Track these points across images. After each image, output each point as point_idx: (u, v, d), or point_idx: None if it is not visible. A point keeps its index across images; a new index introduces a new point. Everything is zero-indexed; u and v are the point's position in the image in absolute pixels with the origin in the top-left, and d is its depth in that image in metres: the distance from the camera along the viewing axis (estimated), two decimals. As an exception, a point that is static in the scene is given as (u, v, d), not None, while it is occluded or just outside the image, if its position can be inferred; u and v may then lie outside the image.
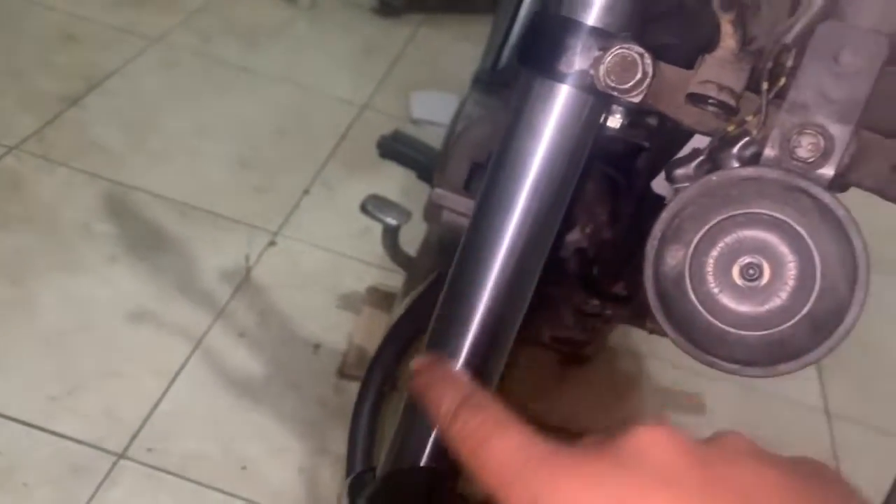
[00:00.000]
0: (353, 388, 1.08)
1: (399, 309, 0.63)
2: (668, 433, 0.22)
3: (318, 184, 1.44)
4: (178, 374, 1.04)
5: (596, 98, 0.29)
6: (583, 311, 0.60)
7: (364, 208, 0.88)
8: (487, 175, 0.32)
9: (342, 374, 1.10)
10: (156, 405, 1.00)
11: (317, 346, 1.14)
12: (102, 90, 1.52)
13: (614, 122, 0.29)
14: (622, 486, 0.21)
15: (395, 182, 1.48)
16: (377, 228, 1.36)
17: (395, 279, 1.27)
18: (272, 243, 1.29)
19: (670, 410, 1.20)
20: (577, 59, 0.28)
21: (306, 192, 1.41)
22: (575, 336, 0.77)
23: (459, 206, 0.71)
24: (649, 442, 0.22)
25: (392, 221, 0.86)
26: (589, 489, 0.21)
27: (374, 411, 0.55)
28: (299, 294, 1.21)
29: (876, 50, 0.25)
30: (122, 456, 0.94)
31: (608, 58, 0.27)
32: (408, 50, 1.95)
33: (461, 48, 1.86)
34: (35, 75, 1.50)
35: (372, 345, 1.12)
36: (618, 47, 0.26)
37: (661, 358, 1.26)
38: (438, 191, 0.71)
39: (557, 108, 0.29)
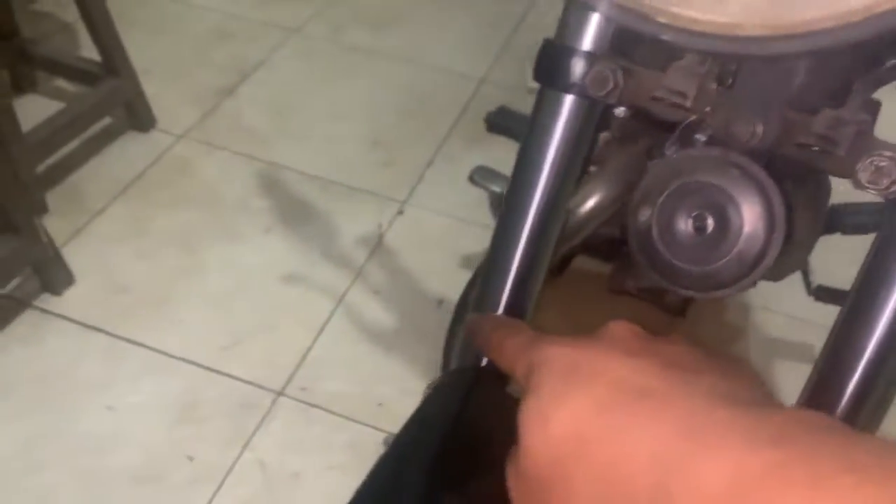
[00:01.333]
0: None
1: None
2: (632, 326, 0.32)
3: (440, 157, 1.57)
4: (324, 326, 1.22)
5: (590, 102, 0.39)
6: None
7: (472, 179, 0.99)
8: (516, 163, 0.43)
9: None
10: (307, 352, 1.18)
11: (440, 302, 1.28)
12: (252, 80, 1.72)
13: (620, 112, 0.39)
14: (591, 349, 0.31)
15: (509, 152, 1.59)
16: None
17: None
18: (400, 212, 1.44)
19: (780, 359, 1.25)
20: (574, 75, 0.38)
21: (430, 164, 1.55)
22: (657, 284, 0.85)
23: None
24: (617, 329, 0.32)
25: (497, 189, 0.97)
26: (568, 352, 0.31)
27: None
28: (425, 256, 1.35)
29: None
30: (280, 394, 1.13)
31: (590, 73, 0.38)
32: (527, 19, 2.03)
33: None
34: (195, 71, 1.72)
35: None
36: (597, 66, 0.37)
37: (773, 310, 1.31)
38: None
39: (564, 111, 0.40)
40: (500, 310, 0.44)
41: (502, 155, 1.55)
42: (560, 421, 0.28)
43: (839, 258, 0.71)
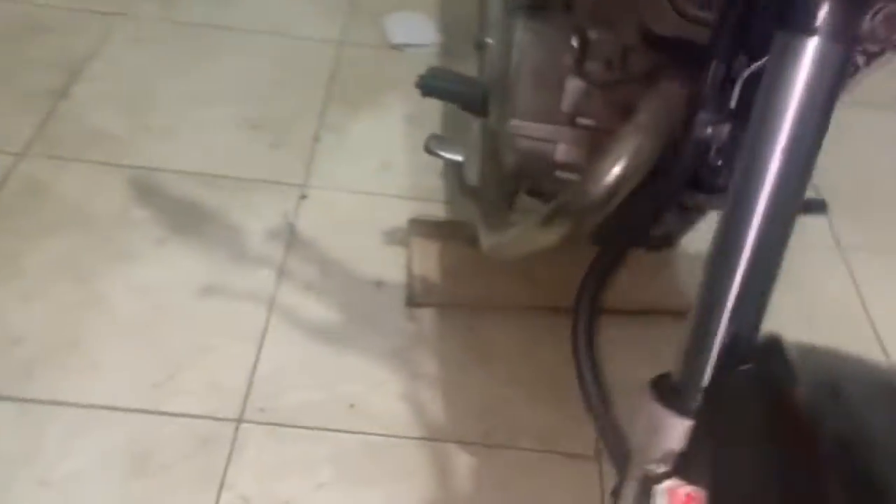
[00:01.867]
0: (425, 314, 1.17)
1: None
2: None
3: (325, 129, 1.47)
4: (263, 336, 1.10)
5: (846, 48, 0.35)
6: (686, 206, 0.68)
7: (428, 149, 0.93)
8: (750, 128, 0.39)
9: (412, 302, 1.17)
10: (254, 368, 1.07)
11: (379, 283, 1.20)
12: (85, 77, 1.50)
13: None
14: None
15: (395, 112, 1.52)
16: (395, 162, 1.42)
17: (429, 207, 1.34)
18: (303, 196, 1.33)
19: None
20: (836, 17, 0.34)
21: (317, 139, 1.44)
22: (674, 231, 0.85)
23: (539, 133, 0.76)
24: None
25: (458, 157, 0.92)
26: None
27: (591, 336, 0.63)
28: (346, 238, 1.26)
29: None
30: (240, 420, 1.01)
31: (878, 15, 0.34)
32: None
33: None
34: (16, 74, 1.47)
35: (432, 272, 1.19)
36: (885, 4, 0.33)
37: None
38: (515, 122, 0.77)
39: (813, 61, 0.35)
40: (725, 319, 0.40)
41: (390, 115, 1.49)
42: None
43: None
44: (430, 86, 0.97)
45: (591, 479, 1.00)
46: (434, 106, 1.41)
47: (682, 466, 0.43)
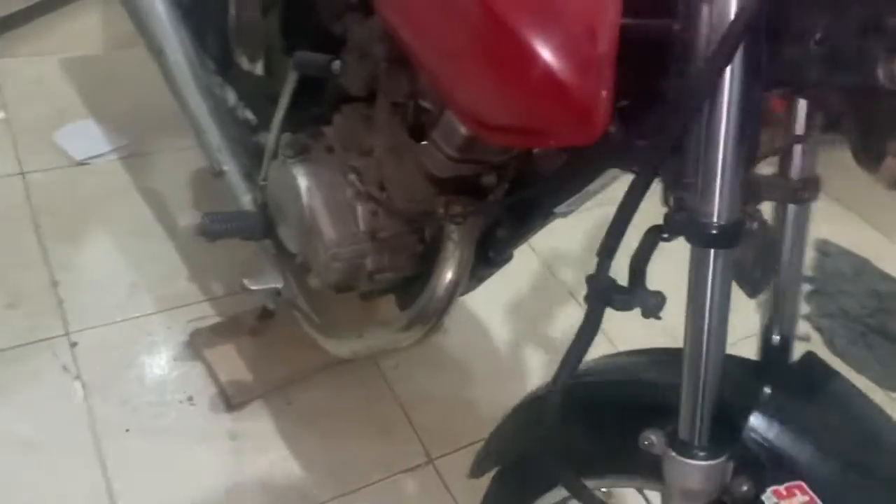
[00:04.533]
0: (247, 417, 1.29)
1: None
2: None
3: (57, 270, 1.46)
4: (110, 489, 1.15)
5: None
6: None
7: (245, 288, 1.08)
8: None
9: (230, 406, 1.29)
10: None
11: (190, 398, 1.30)
12: None
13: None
14: None
15: (116, 229, 1.56)
16: (141, 280, 1.48)
17: (196, 311, 1.44)
18: (74, 343, 1.34)
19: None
20: None
21: (54, 284, 1.43)
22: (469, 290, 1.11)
23: (351, 255, 0.98)
24: None
25: (277, 285, 1.08)
26: None
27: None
28: (142, 372, 1.32)
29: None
30: (133, 574, 1.07)
31: None
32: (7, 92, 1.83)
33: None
34: None
35: (236, 373, 1.32)
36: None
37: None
38: (329, 252, 0.97)
39: None
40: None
41: (113, 236, 1.52)
42: None
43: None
44: (212, 231, 1.11)
45: (435, 481, 1.26)
46: (142, 213, 1.51)
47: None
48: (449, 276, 0.89)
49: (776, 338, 0.70)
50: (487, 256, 0.96)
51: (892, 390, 1.60)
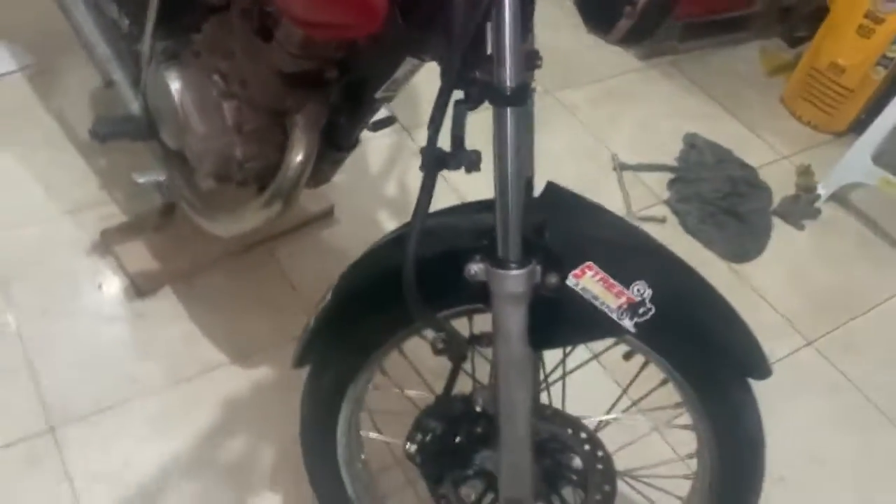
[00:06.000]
0: (154, 299, 1.46)
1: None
2: None
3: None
4: (30, 366, 1.32)
5: None
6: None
7: (135, 182, 1.23)
8: None
9: (140, 294, 1.46)
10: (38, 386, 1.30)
11: (100, 286, 1.47)
12: None
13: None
14: None
15: (29, 140, 1.68)
16: (55, 183, 1.61)
17: (107, 211, 1.58)
18: (-8, 243, 1.49)
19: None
20: None
21: (-29, 190, 1.57)
22: (330, 175, 1.27)
23: (221, 146, 1.14)
24: None
25: (161, 178, 1.24)
26: None
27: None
28: (57, 264, 1.48)
29: None
30: (53, 428, 1.26)
31: None
32: None
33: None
34: None
35: (144, 264, 1.48)
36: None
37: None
38: (200, 145, 1.13)
39: None
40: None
41: (25, 146, 1.64)
42: None
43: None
44: (102, 133, 1.25)
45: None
46: (51, 126, 1.64)
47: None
48: (298, 157, 1.06)
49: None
50: (337, 143, 1.13)
51: (734, 261, 1.83)
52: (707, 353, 0.90)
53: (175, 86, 1.15)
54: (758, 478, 1.00)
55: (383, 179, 1.77)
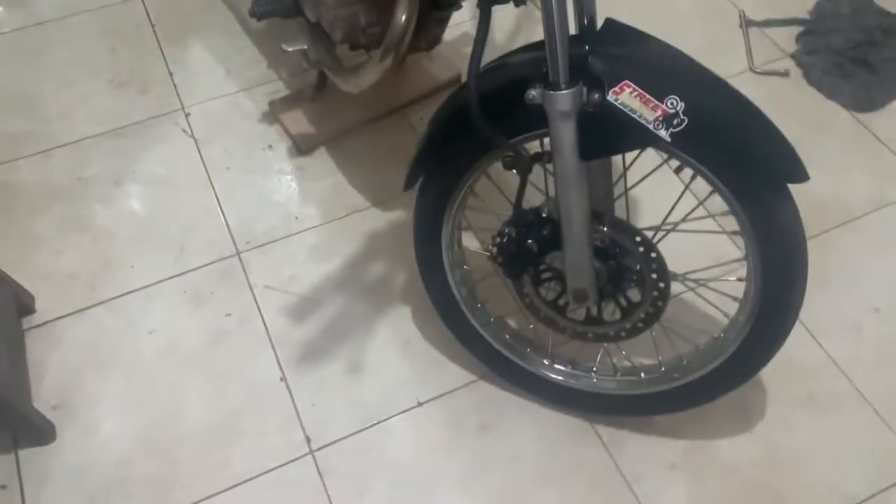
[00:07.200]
0: (311, 157, 1.77)
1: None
2: None
3: (171, 62, 1.96)
4: (218, 201, 1.68)
5: None
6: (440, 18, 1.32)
7: (282, 49, 1.50)
8: None
9: (300, 152, 1.77)
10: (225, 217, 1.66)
11: (270, 146, 1.79)
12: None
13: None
14: None
15: (212, 32, 2.02)
16: (233, 66, 1.95)
17: (274, 87, 1.90)
18: (188, 114, 1.85)
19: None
20: None
21: (171, 74, 1.94)
22: (438, 34, 1.47)
23: (348, 12, 1.37)
24: None
25: (303, 46, 1.51)
26: None
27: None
28: (237, 130, 1.82)
29: None
30: (238, 252, 1.61)
31: None
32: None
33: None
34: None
35: (303, 127, 1.79)
36: None
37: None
38: (331, 13, 1.37)
39: None
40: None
41: (211, 37, 2.00)
42: None
43: None
44: (259, 12, 1.53)
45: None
46: (229, 18, 1.94)
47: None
48: (403, 16, 1.27)
49: (585, 20, 1.04)
50: (438, 2, 1.33)
51: (858, 111, 1.83)
52: (742, 160, 1.02)
53: (311, -34, 1.39)
54: (800, 278, 1.11)
55: (507, 47, 1.94)
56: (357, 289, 1.56)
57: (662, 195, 1.23)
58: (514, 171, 1.10)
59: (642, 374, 1.30)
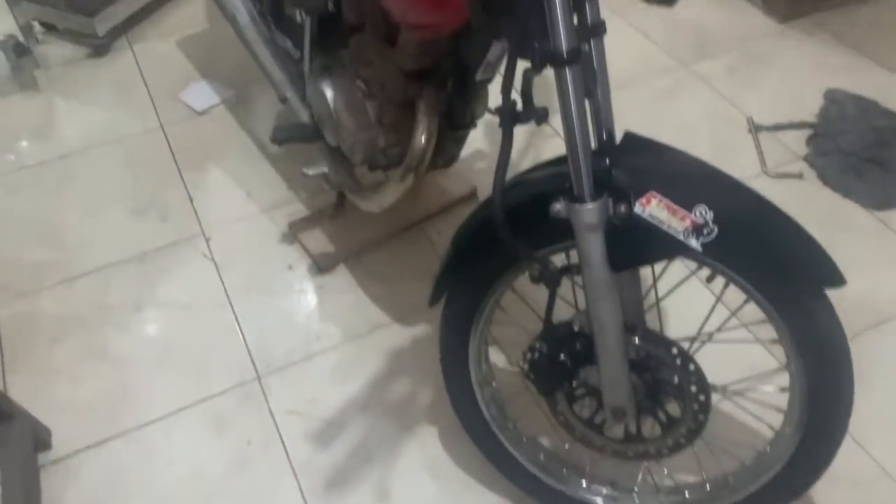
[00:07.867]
0: (331, 275, 1.77)
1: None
2: None
3: (192, 189, 1.99)
4: (238, 323, 1.66)
5: None
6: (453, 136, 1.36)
7: (304, 174, 1.53)
8: None
9: (321, 271, 1.77)
10: (245, 337, 1.63)
11: (290, 266, 1.79)
12: (-8, 232, 1.90)
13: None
14: None
15: (231, 157, 2.07)
16: (253, 189, 1.98)
17: (294, 208, 1.92)
18: (209, 238, 1.86)
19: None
20: None
21: (191, 199, 1.97)
22: (455, 153, 1.50)
23: (367, 137, 1.40)
24: None
25: (324, 169, 1.53)
26: None
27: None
28: (257, 251, 1.83)
29: None
30: (259, 376, 1.58)
31: None
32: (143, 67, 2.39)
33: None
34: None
35: (322, 247, 1.79)
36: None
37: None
38: (351, 138, 1.40)
39: None
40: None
41: (229, 162, 2.04)
42: None
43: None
44: (280, 139, 1.56)
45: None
46: (248, 144, 1.99)
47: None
48: (423, 136, 1.29)
49: (604, 134, 1.04)
50: (454, 123, 1.35)
51: (877, 209, 1.82)
52: (777, 266, 1.00)
53: (329, 93, 1.43)
54: (846, 383, 1.07)
55: (520, 164, 1.97)
56: (381, 409, 1.52)
57: (689, 304, 1.20)
58: (542, 284, 1.09)
59: (686, 494, 1.24)
